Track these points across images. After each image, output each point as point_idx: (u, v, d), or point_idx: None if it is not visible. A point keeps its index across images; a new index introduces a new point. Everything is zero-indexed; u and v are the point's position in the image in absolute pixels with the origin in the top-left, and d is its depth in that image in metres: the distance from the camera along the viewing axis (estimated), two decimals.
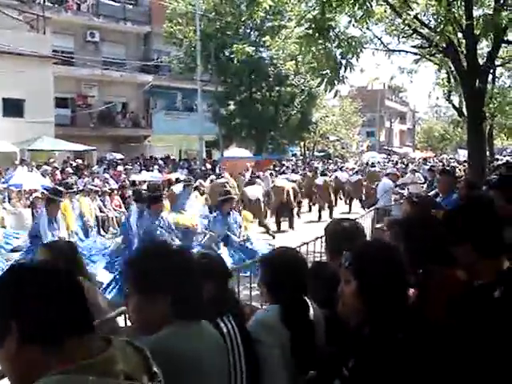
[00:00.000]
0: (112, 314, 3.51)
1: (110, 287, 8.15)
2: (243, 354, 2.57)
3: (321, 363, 2.80)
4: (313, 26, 7.41)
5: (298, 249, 6.00)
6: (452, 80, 13.92)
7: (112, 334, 1.82)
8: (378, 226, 9.97)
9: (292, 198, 17.25)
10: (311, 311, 2.92)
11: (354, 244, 2.66)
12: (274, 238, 14.64)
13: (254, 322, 2.84)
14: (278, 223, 16.71)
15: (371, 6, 7.15)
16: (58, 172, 20.15)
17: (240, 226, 10.54)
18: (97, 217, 16.14)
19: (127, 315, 2.53)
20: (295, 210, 18.32)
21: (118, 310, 3.47)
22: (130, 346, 1.65)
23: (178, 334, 2.09)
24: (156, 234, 8.42)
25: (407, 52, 12.43)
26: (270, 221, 16.74)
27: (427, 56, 11.42)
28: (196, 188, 15.26)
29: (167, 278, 2.11)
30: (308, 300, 2.96)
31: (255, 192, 16.06)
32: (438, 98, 22.26)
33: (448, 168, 16.83)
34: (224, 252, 9.40)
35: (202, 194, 15.41)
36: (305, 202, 21.18)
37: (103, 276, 8.66)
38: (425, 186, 16.26)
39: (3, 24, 23.56)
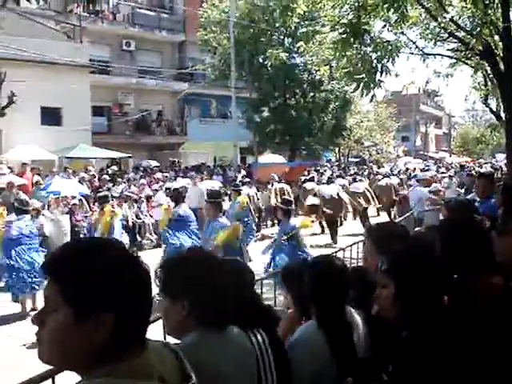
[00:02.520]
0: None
1: None
2: (274, 367, 2.54)
3: (360, 369, 2.77)
4: (348, 30, 7.38)
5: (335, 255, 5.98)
6: (489, 83, 13.72)
7: None
8: (417, 229, 9.90)
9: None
10: (352, 319, 2.88)
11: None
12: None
13: (293, 336, 2.83)
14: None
15: (406, 10, 7.08)
16: (95, 179, 20.43)
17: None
18: (133, 223, 16.37)
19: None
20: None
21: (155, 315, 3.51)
22: (167, 348, 1.66)
23: (200, 343, 2.11)
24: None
25: (443, 56, 12.32)
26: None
27: (463, 59, 11.29)
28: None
29: (190, 284, 2.14)
30: (348, 308, 2.91)
31: (330, 191, 17.09)
32: (474, 102, 22.02)
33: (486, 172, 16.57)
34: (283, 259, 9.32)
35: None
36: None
37: None
38: (462, 191, 16.04)
39: (41, 34, 24.05)
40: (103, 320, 1.42)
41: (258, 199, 19.10)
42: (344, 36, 7.45)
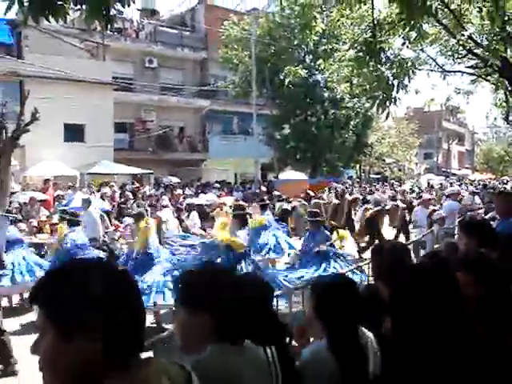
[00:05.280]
0: (163, 335, 3.57)
1: None
2: (281, 382, 2.53)
3: None
4: (363, 48, 7.42)
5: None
6: (510, 100, 13.61)
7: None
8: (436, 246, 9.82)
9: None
10: (365, 339, 2.83)
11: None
12: None
13: (304, 354, 2.81)
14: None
15: (422, 28, 7.08)
16: (116, 195, 20.59)
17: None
18: None
19: None
20: None
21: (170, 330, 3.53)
22: (179, 369, 1.67)
23: (223, 355, 2.09)
24: None
25: (463, 73, 12.28)
26: None
27: (483, 76, 11.24)
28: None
29: (212, 296, 2.13)
30: (360, 328, 2.86)
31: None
32: (495, 119, 21.81)
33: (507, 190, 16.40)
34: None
35: None
36: None
37: None
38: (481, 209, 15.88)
39: (65, 52, 24.47)
40: (90, 338, 1.45)
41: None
42: (360, 54, 7.49)
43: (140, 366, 1.54)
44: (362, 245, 15.18)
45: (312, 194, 22.12)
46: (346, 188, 29.09)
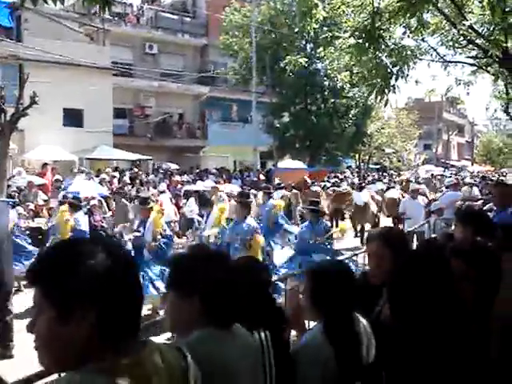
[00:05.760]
0: (157, 319, 3.57)
1: None
2: (274, 368, 2.56)
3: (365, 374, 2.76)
4: (363, 35, 7.39)
5: (347, 261, 5.96)
6: (510, 91, 13.57)
7: None
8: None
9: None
10: (359, 325, 2.85)
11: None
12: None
13: (300, 342, 2.82)
14: None
15: (422, 16, 7.06)
16: (115, 180, 20.58)
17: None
18: None
19: None
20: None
21: None
22: (176, 352, 1.69)
23: (209, 340, 2.09)
24: None
25: (464, 63, 12.23)
26: None
27: (483, 67, 11.21)
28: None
29: (202, 280, 2.13)
30: (355, 314, 2.88)
31: (363, 197, 17.28)
32: (495, 111, 21.73)
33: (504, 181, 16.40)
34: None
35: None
36: None
37: None
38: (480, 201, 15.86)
39: (65, 36, 24.35)
40: (85, 316, 1.45)
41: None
42: (359, 41, 7.45)
43: (136, 347, 1.55)
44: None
45: (309, 181, 22.12)
46: (345, 177, 29.18)
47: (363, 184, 21.86)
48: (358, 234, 17.44)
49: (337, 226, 16.74)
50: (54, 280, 1.46)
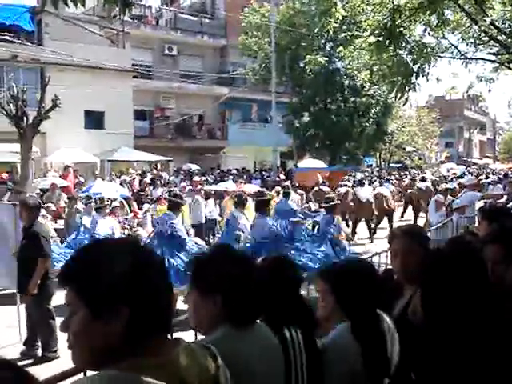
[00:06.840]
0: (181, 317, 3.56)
1: None
2: (306, 365, 2.56)
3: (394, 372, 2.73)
4: (383, 33, 7.34)
5: (369, 259, 5.92)
6: None
7: None
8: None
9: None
10: (384, 323, 2.81)
11: None
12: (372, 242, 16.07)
13: (327, 339, 2.81)
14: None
15: (443, 14, 6.99)
16: (136, 182, 20.72)
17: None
18: None
19: None
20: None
21: None
22: (206, 349, 1.70)
23: (229, 339, 2.09)
24: None
25: (485, 60, 12.11)
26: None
27: (505, 64, 11.07)
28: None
29: (225, 280, 2.13)
30: (380, 312, 2.84)
31: (366, 193, 17.44)
32: None
33: None
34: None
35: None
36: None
37: None
38: (504, 198, 15.68)
39: (85, 39, 24.55)
40: (118, 313, 1.47)
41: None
42: (380, 39, 7.40)
43: (167, 346, 1.56)
44: None
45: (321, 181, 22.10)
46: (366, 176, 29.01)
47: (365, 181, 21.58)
48: (356, 231, 17.36)
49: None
50: (88, 279, 1.49)
